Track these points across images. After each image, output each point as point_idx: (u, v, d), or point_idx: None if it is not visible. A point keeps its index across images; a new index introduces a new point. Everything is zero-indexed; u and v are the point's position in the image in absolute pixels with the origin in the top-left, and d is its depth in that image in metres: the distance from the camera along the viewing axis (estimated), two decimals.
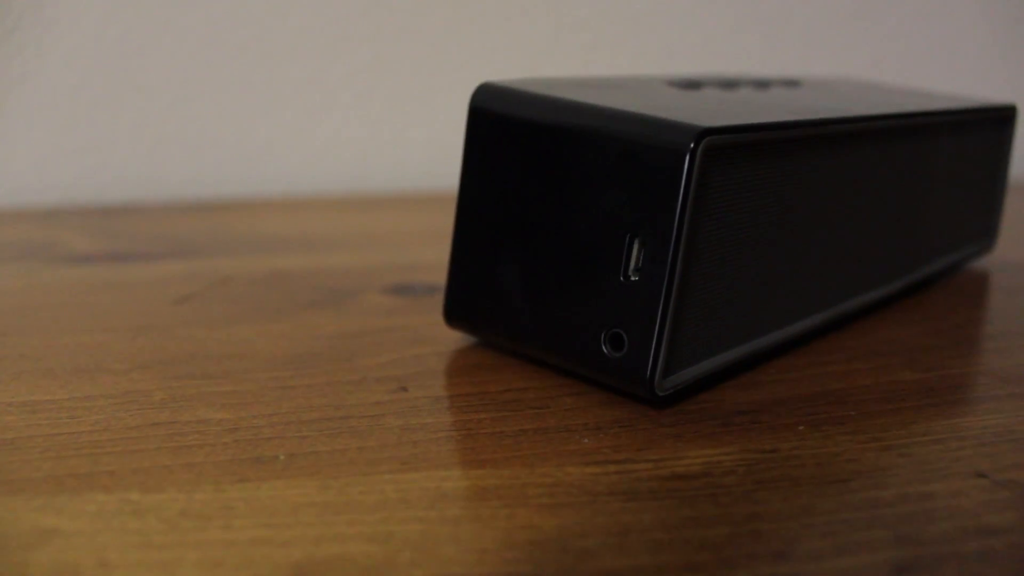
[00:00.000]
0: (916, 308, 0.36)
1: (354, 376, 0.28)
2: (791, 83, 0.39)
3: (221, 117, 0.54)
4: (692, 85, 0.34)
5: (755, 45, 0.61)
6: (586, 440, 0.24)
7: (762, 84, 0.37)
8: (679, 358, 0.26)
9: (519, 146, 0.27)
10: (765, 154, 0.27)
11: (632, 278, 0.25)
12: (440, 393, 0.27)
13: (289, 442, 0.24)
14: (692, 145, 0.24)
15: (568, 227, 0.26)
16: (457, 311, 0.30)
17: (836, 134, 0.30)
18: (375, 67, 0.55)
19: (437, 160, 0.55)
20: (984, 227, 0.42)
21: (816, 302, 0.31)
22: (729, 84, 0.36)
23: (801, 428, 0.25)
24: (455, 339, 0.31)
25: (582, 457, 0.24)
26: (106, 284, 0.37)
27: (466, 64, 0.56)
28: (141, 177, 0.53)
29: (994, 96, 0.52)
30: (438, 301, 0.31)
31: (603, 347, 0.26)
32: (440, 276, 0.31)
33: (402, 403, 0.26)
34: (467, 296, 0.29)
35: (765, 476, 0.23)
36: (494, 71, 0.53)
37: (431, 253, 0.41)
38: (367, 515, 0.21)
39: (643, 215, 0.25)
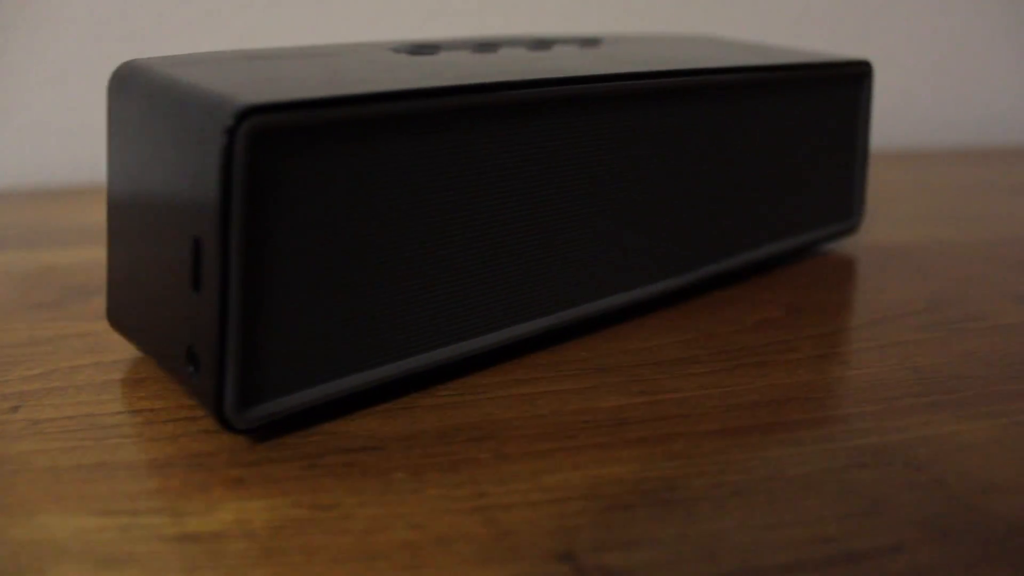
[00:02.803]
0: (702, 310, 0.29)
1: None
2: (589, 42, 0.32)
3: (95, 101, 0.51)
4: (424, 50, 0.28)
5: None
6: (129, 483, 0.20)
7: (541, 44, 0.31)
8: (276, 383, 0.20)
9: (139, 130, 0.22)
10: (388, 130, 0.21)
11: (202, 289, 0.21)
12: (48, 415, 0.23)
13: None
14: (231, 125, 0.18)
15: (159, 224, 0.22)
16: (114, 314, 0.25)
17: (533, 99, 0.23)
18: (243, 42, 0.51)
19: None
20: (842, 203, 0.34)
21: (528, 308, 0.25)
22: (486, 46, 0.29)
23: (399, 475, 0.20)
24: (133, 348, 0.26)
25: (100, 504, 0.19)
26: None
27: (358, 32, 0.51)
28: (19, 163, 0.51)
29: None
30: None
31: (188, 366, 0.21)
32: None
33: None
34: (119, 298, 0.24)
35: (287, 544, 0.18)
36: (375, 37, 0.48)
37: None
38: None
39: (201, 214, 0.19)
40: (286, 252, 0.20)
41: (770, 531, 0.18)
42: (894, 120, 0.58)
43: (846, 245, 0.36)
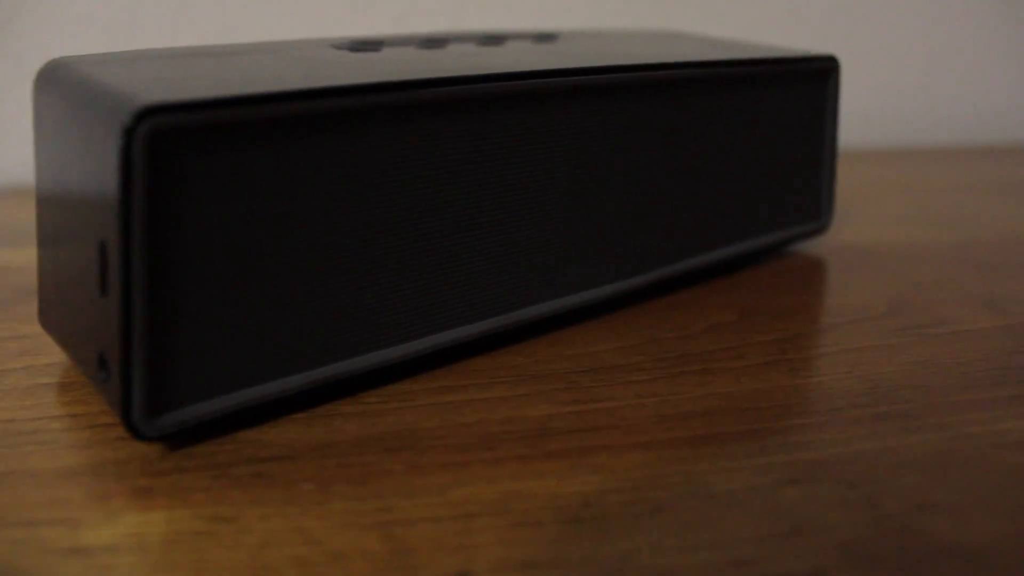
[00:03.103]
0: (654, 313, 0.27)
1: None
2: (543, 37, 0.31)
3: None
4: (366, 46, 0.27)
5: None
6: (34, 492, 0.19)
7: (492, 40, 0.30)
8: (188, 390, 0.20)
9: (57, 131, 0.21)
10: (302, 129, 0.20)
11: (108, 293, 0.20)
12: None
13: None
14: (129, 125, 0.18)
15: (72, 227, 0.21)
16: (44, 317, 0.24)
17: (466, 96, 0.22)
18: (219, 38, 0.50)
19: None
20: (810, 204, 0.32)
21: (464, 312, 0.24)
22: (434, 42, 0.29)
23: (307, 486, 0.19)
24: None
25: None
26: None
27: (332, 28, 0.50)
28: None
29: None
30: None
31: (101, 372, 0.21)
32: None
33: None
34: (47, 301, 0.24)
35: (178, 558, 0.17)
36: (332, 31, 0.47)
37: None
38: None
39: (104, 217, 0.19)
40: (195, 255, 0.20)
41: (682, 553, 0.17)
42: (883, 118, 0.57)
43: (816, 246, 0.35)
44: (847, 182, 0.45)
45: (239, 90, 0.19)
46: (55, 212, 0.22)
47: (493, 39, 0.30)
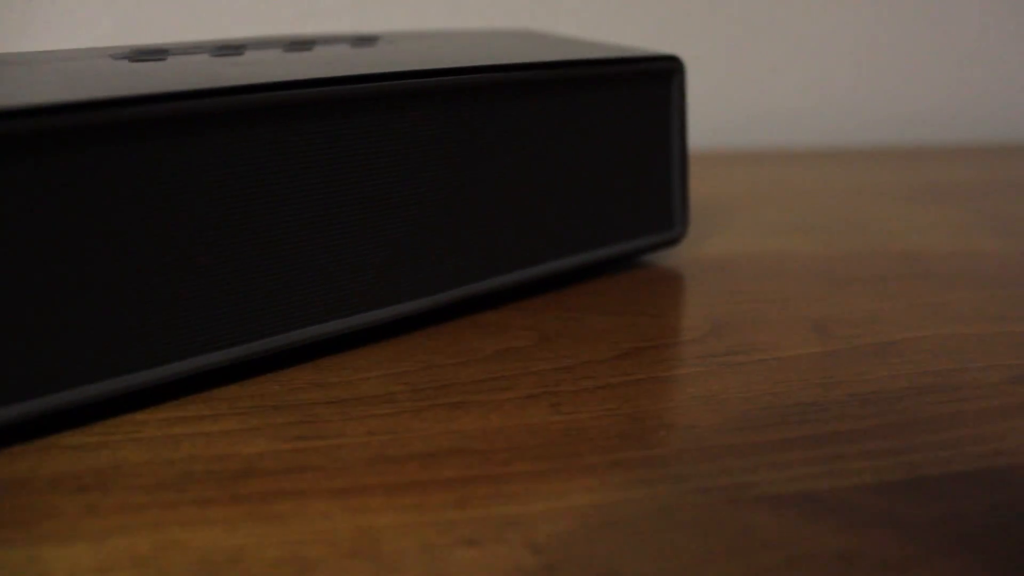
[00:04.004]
0: (446, 335, 0.26)
1: None
2: (362, 40, 0.29)
3: None
4: (149, 56, 0.26)
5: None
6: None
7: (299, 44, 0.28)
8: None
9: None
10: (33, 147, 0.20)
11: None
12: None
13: None
14: None
15: None
16: None
17: (213, 110, 0.21)
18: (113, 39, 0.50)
19: None
20: (659, 213, 0.30)
21: (214, 338, 0.23)
22: (230, 48, 0.27)
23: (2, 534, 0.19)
24: None
25: None
26: None
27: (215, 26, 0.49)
28: None
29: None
30: None
31: None
32: None
33: None
34: None
35: None
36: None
37: None
38: None
39: None
40: None
41: None
42: (813, 118, 0.53)
43: (674, 257, 0.32)
44: (748, 185, 0.42)
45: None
46: None
47: (301, 44, 0.28)
